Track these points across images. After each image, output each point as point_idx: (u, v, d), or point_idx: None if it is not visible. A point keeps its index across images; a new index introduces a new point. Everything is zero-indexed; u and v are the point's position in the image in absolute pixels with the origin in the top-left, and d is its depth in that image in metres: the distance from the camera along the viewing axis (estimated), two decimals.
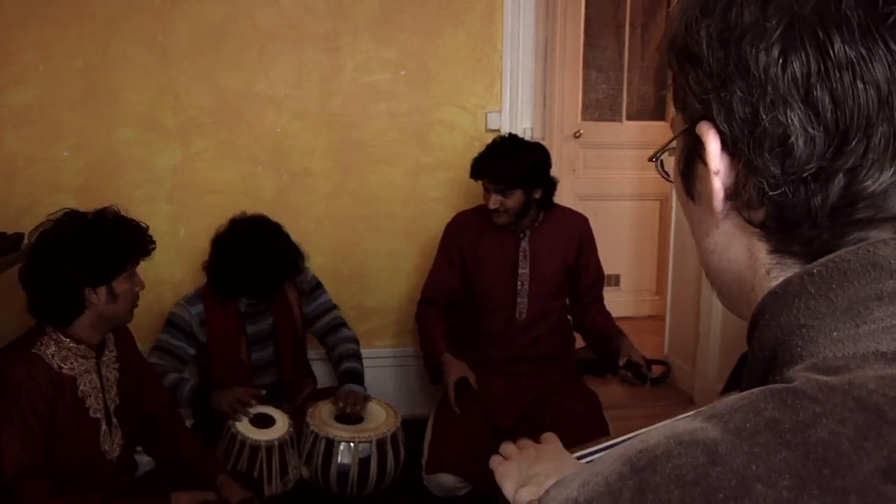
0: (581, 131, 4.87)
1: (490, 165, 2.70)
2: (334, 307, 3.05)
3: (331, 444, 2.57)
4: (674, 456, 0.49)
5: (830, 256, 0.55)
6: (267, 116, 3.33)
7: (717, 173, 0.59)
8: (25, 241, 2.67)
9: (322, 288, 3.03)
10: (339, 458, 2.56)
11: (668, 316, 4.15)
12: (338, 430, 2.61)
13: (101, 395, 2.14)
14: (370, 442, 2.57)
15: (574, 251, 2.83)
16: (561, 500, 0.52)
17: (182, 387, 2.68)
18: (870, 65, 0.52)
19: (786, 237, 0.59)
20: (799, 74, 0.53)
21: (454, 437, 2.59)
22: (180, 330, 2.79)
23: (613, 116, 5.02)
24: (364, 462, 2.56)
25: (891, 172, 0.54)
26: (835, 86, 0.53)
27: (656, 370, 4.07)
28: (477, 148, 3.34)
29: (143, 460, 2.47)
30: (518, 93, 3.40)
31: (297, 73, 3.33)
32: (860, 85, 0.52)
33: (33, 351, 2.03)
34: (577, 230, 2.86)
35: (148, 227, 2.19)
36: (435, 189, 3.46)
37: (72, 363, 2.07)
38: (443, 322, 2.87)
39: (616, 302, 4.86)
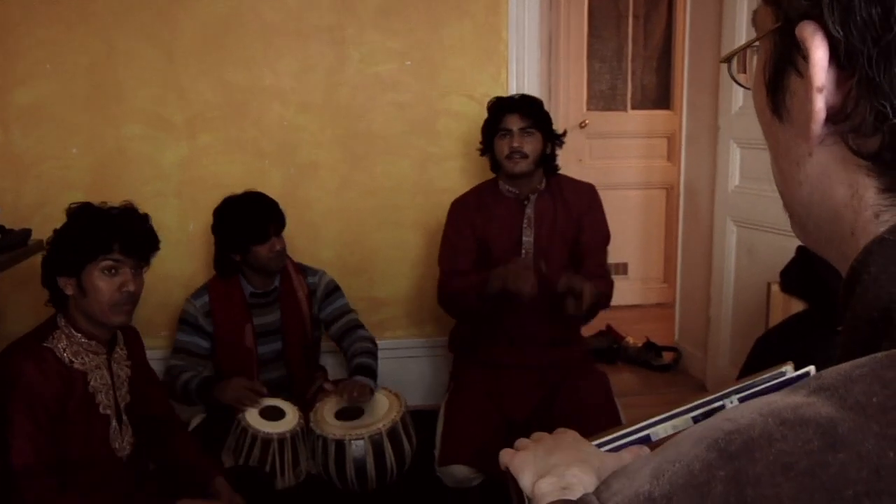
0: (586, 121, 4.78)
1: (517, 101, 2.67)
2: (351, 311, 2.94)
3: (326, 442, 2.48)
4: (776, 439, 0.38)
5: None
6: (273, 110, 3.25)
7: (821, 90, 0.47)
8: (32, 237, 2.61)
9: (339, 292, 2.93)
10: (335, 456, 2.46)
11: (678, 302, 4.05)
12: (331, 428, 2.50)
13: (111, 392, 2.05)
14: (362, 439, 2.47)
15: (576, 219, 2.70)
16: (629, 496, 0.41)
17: (190, 383, 2.61)
18: None
19: None
20: None
21: (466, 428, 2.49)
22: (189, 325, 2.75)
23: (618, 106, 4.94)
24: (359, 460, 2.46)
25: None
26: None
27: (667, 357, 3.99)
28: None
29: None
30: (524, 81, 3.30)
31: (303, 66, 3.25)
32: None
33: (45, 344, 1.95)
34: (579, 198, 2.72)
35: (149, 218, 2.07)
36: (443, 179, 3.37)
37: (83, 358, 1.99)
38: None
39: (624, 290, 4.78)
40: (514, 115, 2.62)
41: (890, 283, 0.45)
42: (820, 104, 0.47)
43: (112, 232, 1.97)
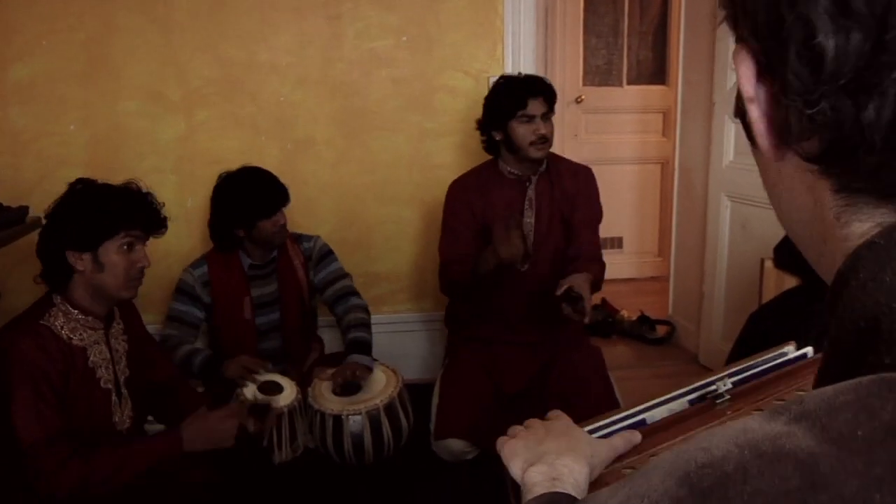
0: (582, 97, 4.73)
1: (539, 85, 2.53)
2: (345, 276, 2.90)
3: (324, 417, 2.46)
4: (752, 475, 0.34)
5: None
6: (269, 85, 3.20)
7: (752, 101, 0.47)
8: (30, 213, 2.58)
9: (333, 256, 2.89)
10: (333, 430, 2.45)
11: (672, 277, 4.02)
12: (329, 403, 2.48)
13: (111, 367, 2.03)
14: (360, 415, 2.46)
15: (571, 201, 2.65)
16: None
17: (195, 358, 2.59)
18: None
19: (846, 170, 0.45)
20: None
21: (461, 402, 2.48)
22: (186, 294, 2.72)
23: (614, 81, 4.88)
24: (357, 435, 2.44)
25: None
26: None
27: (661, 330, 3.98)
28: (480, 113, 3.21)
29: (153, 429, 2.38)
30: (520, 56, 3.25)
31: (299, 42, 3.19)
32: None
33: (42, 322, 1.92)
34: (576, 179, 2.67)
35: (160, 203, 2.04)
36: (439, 154, 3.33)
37: (81, 334, 1.96)
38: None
39: (619, 264, 4.77)
40: (538, 99, 2.51)
41: (878, 291, 0.42)
42: (756, 114, 0.48)
43: (135, 209, 1.97)
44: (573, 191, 2.65)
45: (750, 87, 0.47)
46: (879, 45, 0.40)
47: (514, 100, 2.51)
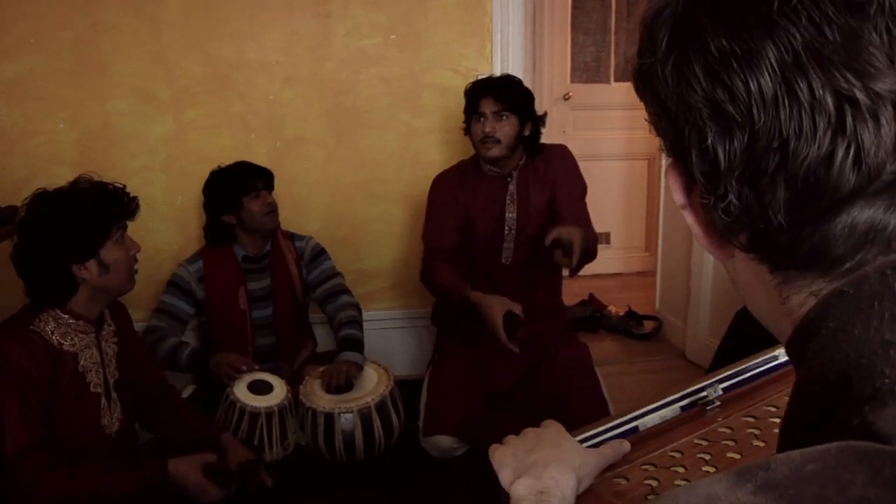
0: (570, 93, 4.72)
1: (493, 84, 2.57)
2: (337, 274, 2.90)
3: (315, 415, 2.45)
4: None
5: None
6: (259, 84, 3.17)
7: (685, 207, 0.54)
8: (19, 213, 2.54)
9: (325, 255, 2.90)
10: (324, 428, 2.44)
11: (659, 272, 4.02)
12: (321, 401, 2.47)
13: (101, 370, 2.01)
14: (352, 412, 2.45)
15: (550, 184, 2.63)
16: None
17: (181, 351, 2.58)
18: (756, 46, 0.45)
19: (769, 251, 0.49)
20: (691, 78, 0.48)
21: (449, 399, 2.47)
22: (179, 288, 2.71)
23: (601, 78, 4.87)
24: (348, 433, 2.44)
25: (826, 141, 0.44)
26: (725, 78, 0.46)
27: (648, 325, 3.98)
28: None
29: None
30: (509, 54, 3.24)
31: (288, 40, 3.16)
32: (747, 74, 0.46)
33: (32, 328, 1.89)
34: (550, 162, 2.65)
35: (124, 186, 2.00)
36: (428, 152, 3.31)
37: (72, 339, 1.94)
38: (454, 265, 2.62)
39: (606, 259, 4.76)
40: (489, 97, 2.52)
41: (849, 346, 0.41)
42: (689, 219, 0.53)
43: (113, 201, 1.95)
44: (550, 175, 2.64)
45: (680, 196, 0.53)
46: (753, 136, 0.45)
47: (470, 100, 2.58)
